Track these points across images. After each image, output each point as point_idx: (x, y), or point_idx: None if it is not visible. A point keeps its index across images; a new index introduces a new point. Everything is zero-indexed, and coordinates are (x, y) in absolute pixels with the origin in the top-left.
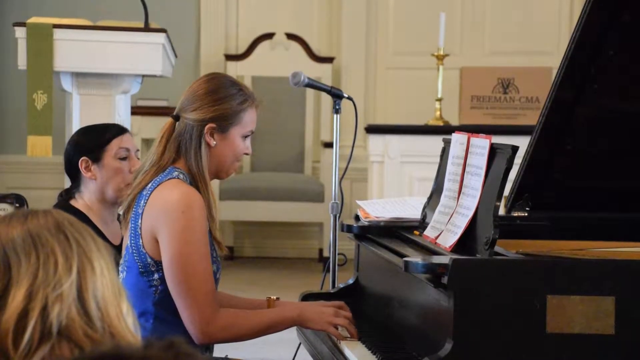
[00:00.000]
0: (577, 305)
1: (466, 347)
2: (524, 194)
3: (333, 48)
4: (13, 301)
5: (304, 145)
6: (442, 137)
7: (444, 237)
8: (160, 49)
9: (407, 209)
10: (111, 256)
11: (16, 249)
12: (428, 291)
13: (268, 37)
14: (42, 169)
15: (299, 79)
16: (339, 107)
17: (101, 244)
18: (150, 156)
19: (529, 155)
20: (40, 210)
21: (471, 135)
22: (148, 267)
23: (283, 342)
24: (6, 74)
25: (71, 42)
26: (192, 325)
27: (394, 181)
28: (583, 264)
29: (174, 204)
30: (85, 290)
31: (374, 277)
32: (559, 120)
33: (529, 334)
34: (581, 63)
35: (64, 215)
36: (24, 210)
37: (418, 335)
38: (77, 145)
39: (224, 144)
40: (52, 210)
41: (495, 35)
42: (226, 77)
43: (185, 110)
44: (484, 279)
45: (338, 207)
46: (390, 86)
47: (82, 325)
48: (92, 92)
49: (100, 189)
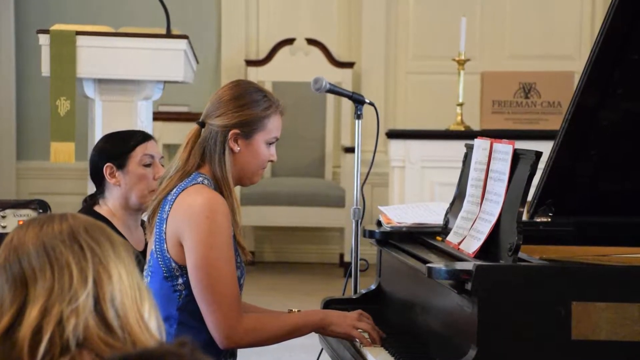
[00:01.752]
0: (603, 311)
1: (490, 353)
2: (547, 199)
3: (353, 53)
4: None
5: (324, 150)
6: (463, 142)
7: (467, 243)
8: (182, 55)
9: (429, 215)
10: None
11: (32, 263)
12: (451, 297)
13: (288, 43)
14: (65, 174)
15: (321, 84)
16: (360, 113)
17: (120, 246)
18: (175, 162)
19: (552, 160)
20: (57, 216)
21: (494, 141)
22: (172, 272)
23: (305, 348)
24: (29, 80)
25: (94, 48)
26: (216, 329)
27: (414, 186)
28: (608, 270)
29: (198, 209)
30: (102, 299)
31: (396, 283)
32: (582, 125)
33: (554, 341)
34: (605, 68)
35: (80, 221)
36: (41, 217)
37: (441, 341)
38: (102, 152)
39: (247, 150)
40: (68, 216)
41: (516, 39)
42: (251, 83)
43: (210, 117)
44: (508, 285)
45: (360, 213)
46: (411, 91)
47: (101, 335)
48: (114, 99)
49: (124, 195)
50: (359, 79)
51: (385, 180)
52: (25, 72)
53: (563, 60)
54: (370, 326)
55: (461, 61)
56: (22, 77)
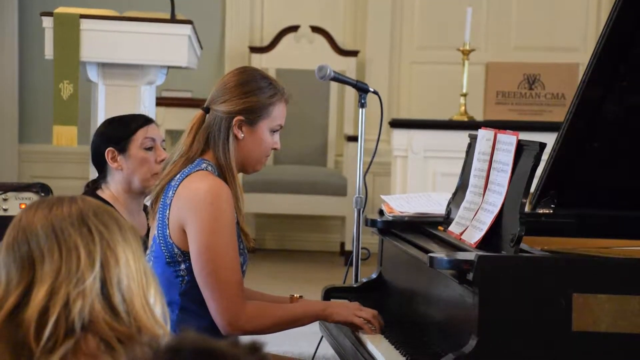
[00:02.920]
0: (604, 303)
1: (491, 344)
2: (549, 191)
3: (358, 41)
4: (35, 298)
5: (327, 139)
6: (466, 132)
7: (469, 233)
8: (186, 41)
9: (431, 205)
10: (138, 241)
11: (40, 244)
12: (452, 287)
13: (293, 30)
14: (67, 158)
15: (325, 72)
16: (364, 101)
17: (128, 231)
18: (179, 147)
19: (555, 152)
20: (66, 198)
21: (498, 132)
22: (175, 258)
23: (305, 336)
24: (32, 63)
25: (98, 32)
26: (219, 316)
27: (417, 176)
28: (609, 263)
29: (202, 195)
30: (109, 283)
31: (397, 272)
32: (586, 117)
33: (555, 332)
34: (610, 61)
35: (89, 204)
36: (50, 198)
37: (442, 331)
38: (103, 136)
39: (251, 137)
40: (77, 199)
41: (521, 30)
42: (257, 70)
43: (215, 102)
44: (510, 276)
45: (362, 202)
46: (415, 80)
47: (107, 319)
48: (117, 83)
49: (127, 179)
50: (363, 67)
51: (387, 169)
52: (28, 55)
53: (568, 52)
54: (372, 315)
55: (466, 51)
56: (26, 59)
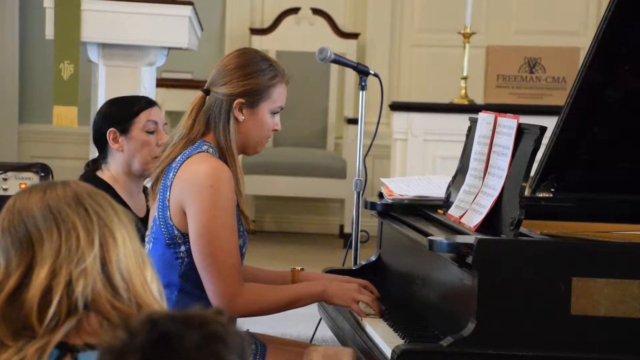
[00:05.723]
0: (603, 288)
1: (489, 327)
2: (549, 174)
3: (358, 24)
4: (37, 279)
5: (326, 121)
6: (466, 115)
7: (469, 216)
8: (187, 22)
9: (431, 188)
10: (132, 223)
11: (38, 225)
12: (452, 270)
13: (293, 12)
14: (67, 139)
15: (326, 54)
16: (364, 84)
17: (121, 212)
18: (179, 129)
19: (555, 136)
20: (59, 182)
21: (498, 115)
22: (175, 239)
23: (304, 318)
24: (33, 43)
25: (98, 12)
26: (216, 298)
27: (416, 159)
28: (609, 247)
29: (202, 177)
30: (109, 262)
31: (396, 255)
32: (587, 101)
33: (553, 316)
34: (612, 43)
35: (83, 187)
36: (42, 183)
37: (441, 314)
38: (105, 117)
39: (252, 119)
40: (70, 182)
41: (522, 13)
42: (257, 52)
43: (215, 84)
44: (509, 259)
45: (362, 184)
46: (415, 63)
47: (109, 297)
48: (118, 64)
49: (127, 161)
50: (363, 50)
51: (387, 152)
52: (28, 35)
53: (569, 36)
54: (371, 298)
55: (467, 35)
56: (26, 39)
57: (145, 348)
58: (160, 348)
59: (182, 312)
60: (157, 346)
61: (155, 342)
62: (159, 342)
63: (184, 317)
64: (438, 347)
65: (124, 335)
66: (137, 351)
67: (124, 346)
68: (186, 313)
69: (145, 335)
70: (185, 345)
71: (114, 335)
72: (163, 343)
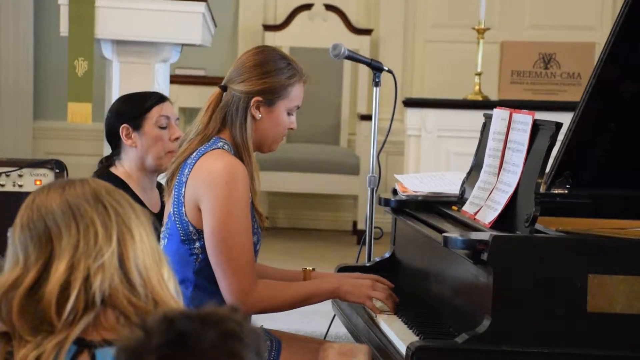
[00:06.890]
0: (619, 284)
1: (504, 324)
2: (565, 171)
3: (371, 20)
4: (55, 273)
5: (340, 117)
6: (480, 112)
7: (484, 213)
8: (201, 18)
9: (445, 184)
10: (150, 222)
11: (56, 221)
12: (466, 267)
13: (306, 8)
14: (81, 135)
15: (339, 50)
16: (378, 80)
17: (139, 210)
18: (195, 125)
19: (571, 132)
20: (77, 180)
21: (513, 111)
22: (190, 235)
23: (318, 314)
24: (47, 40)
25: (113, 9)
26: (230, 295)
27: (430, 155)
28: (625, 243)
29: (218, 174)
30: (126, 258)
31: (410, 252)
32: (603, 97)
33: (569, 313)
34: (628, 39)
35: (101, 184)
36: (60, 180)
37: (455, 311)
38: (118, 113)
39: (269, 117)
40: (88, 180)
41: (536, 9)
42: (275, 50)
43: (233, 82)
44: (525, 256)
45: (376, 180)
46: (428, 59)
47: (126, 293)
48: (132, 60)
49: (141, 156)
50: (376, 46)
51: (400, 148)
52: (43, 32)
53: (584, 31)
54: (385, 295)
55: (481, 30)
56: (41, 36)
57: (162, 347)
58: (177, 347)
59: (197, 310)
60: (173, 345)
61: (172, 342)
62: (176, 341)
63: (199, 315)
64: (453, 343)
65: (140, 335)
66: (154, 351)
67: (140, 346)
68: (202, 311)
69: (162, 334)
70: (202, 344)
71: (130, 335)
72: (180, 342)
